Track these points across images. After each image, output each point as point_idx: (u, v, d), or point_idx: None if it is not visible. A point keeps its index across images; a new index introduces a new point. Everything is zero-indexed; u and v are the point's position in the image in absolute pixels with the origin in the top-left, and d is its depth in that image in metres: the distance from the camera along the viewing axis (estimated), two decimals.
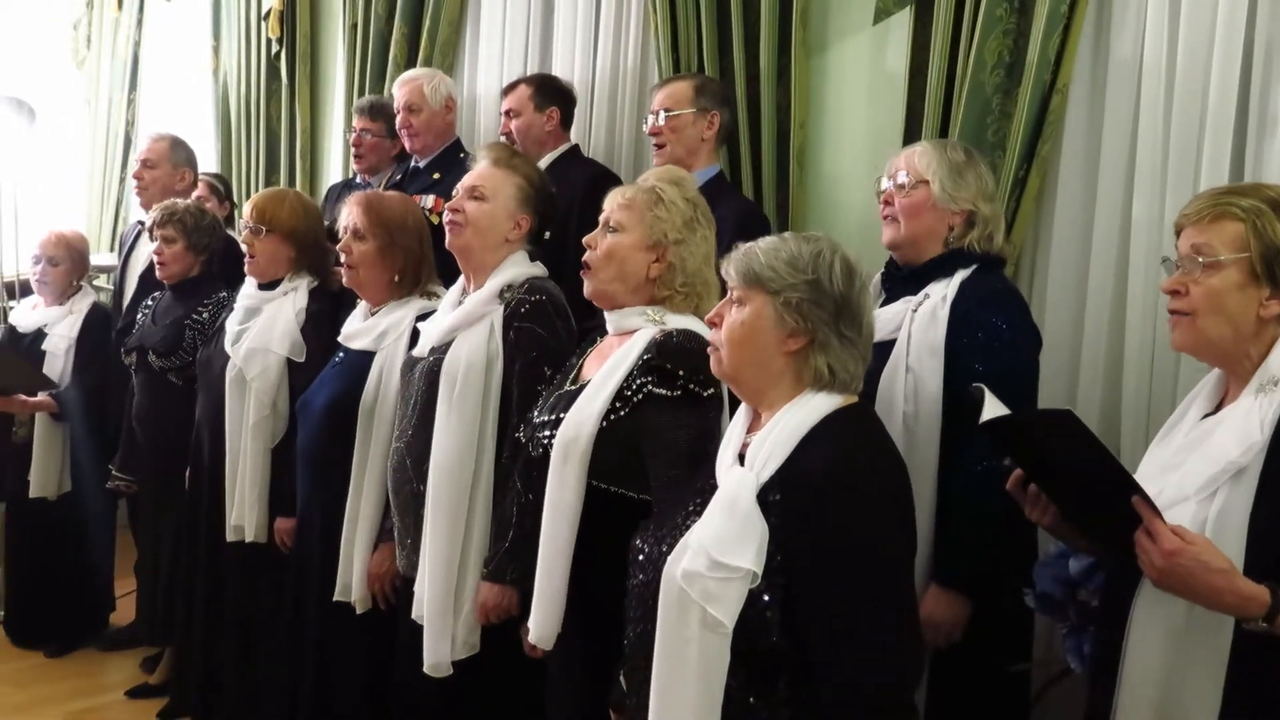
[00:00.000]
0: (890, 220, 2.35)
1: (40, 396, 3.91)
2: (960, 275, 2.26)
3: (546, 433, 2.11)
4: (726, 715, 1.58)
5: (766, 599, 1.56)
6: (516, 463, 2.29)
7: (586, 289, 2.20)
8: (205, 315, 3.44)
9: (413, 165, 3.72)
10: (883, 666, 1.58)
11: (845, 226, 2.93)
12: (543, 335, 2.39)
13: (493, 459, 2.39)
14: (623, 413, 2.03)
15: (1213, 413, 1.65)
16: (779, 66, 3.03)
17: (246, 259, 3.17)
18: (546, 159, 3.34)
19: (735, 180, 3.10)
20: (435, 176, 3.60)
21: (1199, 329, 1.62)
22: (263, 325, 3.08)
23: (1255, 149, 2.28)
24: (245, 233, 3.16)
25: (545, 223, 2.57)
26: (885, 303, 2.36)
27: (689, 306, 2.15)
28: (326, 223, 3.31)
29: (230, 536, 3.08)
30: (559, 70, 3.69)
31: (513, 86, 3.50)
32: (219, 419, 3.11)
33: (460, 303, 2.51)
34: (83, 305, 4.09)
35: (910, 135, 2.72)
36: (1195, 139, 2.32)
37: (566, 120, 3.47)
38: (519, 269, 2.48)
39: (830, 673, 1.56)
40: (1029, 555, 2.10)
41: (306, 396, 2.86)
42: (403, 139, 3.72)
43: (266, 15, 4.90)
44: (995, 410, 1.62)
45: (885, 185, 2.37)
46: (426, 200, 3.42)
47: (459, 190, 2.53)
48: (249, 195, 4.57)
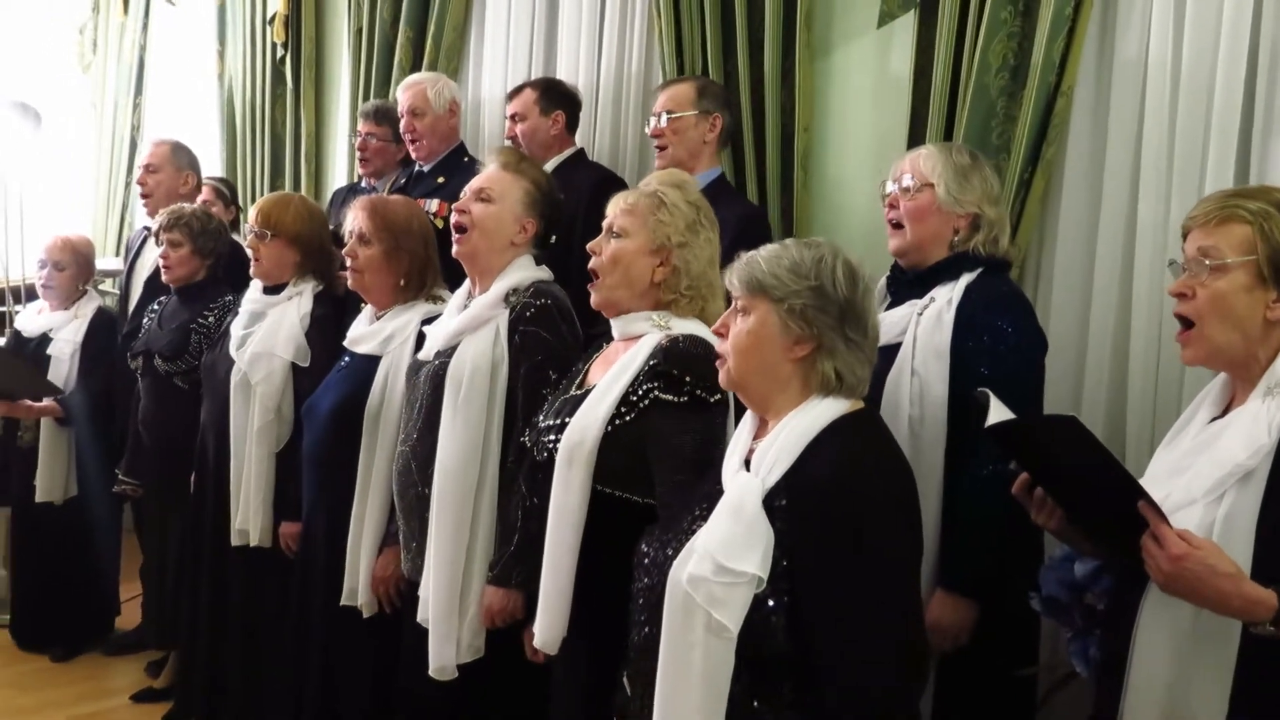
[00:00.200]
0: (895, 225, 2.35)
1: (46, 402, 3.92)
2: (965, 279, 2.26)
3: (551, 437, 2.11)
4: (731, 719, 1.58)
5: (771, 604, 1.56)
6: (521, 467, 2.29)
7: (594, 299, 2.19)
8: (211, 319, 3.45)
9: (417, 169, 3.72)
10: (888, 670, 1.57)
11: (850, 230, 2.93)
12: (548, 339, 2.39)
13: (498, 463, 2.38)
14: (629, 418, 2.03)
15: (1220, 416, 1.65)
16: (783, 70, 3.03)
17: (252, 263, 3.17)
18: (552, 163, 3.34)
19: (740, 184, 3.10)
20: (440, 180, 3.60)
21: (1207, 339, 1.62)
22: (268, 329, 3.09)
23: (1260, 151, 2.27)
24: (250, 237, 3.16)
25: (551, 227, 2.57)
26: (890, 306, 2.36)
27: (694, 310, 2.14)
28: (331, 227, 3.32)
29: (235, 541, 3.08)
30: (563, 74, 3.69)
31: (518, 91, 3.49)
32: (224, 423, 3.11)
33: (466, 306, 2.51)
34: (88, 310, 4.10)
35: (915, 138, 2.72)
36: (1200, 141, 2.32)
37: (572, 124, 3.46)
38: (525, 273, 2.48)
39: (835, 676, 1.56)
40: (1035, 559, 2.11)
41: (312, 401, 2.86)
42: (406, 143, 3.72)
43: (271, 19, 4.90)
44: (1000, 414, 1.62)
45: (890, 188, 2.36)
46: (431, 204, 3.42)
47: (467, 192, 2.53)
48: (254, 199, 4.57)
